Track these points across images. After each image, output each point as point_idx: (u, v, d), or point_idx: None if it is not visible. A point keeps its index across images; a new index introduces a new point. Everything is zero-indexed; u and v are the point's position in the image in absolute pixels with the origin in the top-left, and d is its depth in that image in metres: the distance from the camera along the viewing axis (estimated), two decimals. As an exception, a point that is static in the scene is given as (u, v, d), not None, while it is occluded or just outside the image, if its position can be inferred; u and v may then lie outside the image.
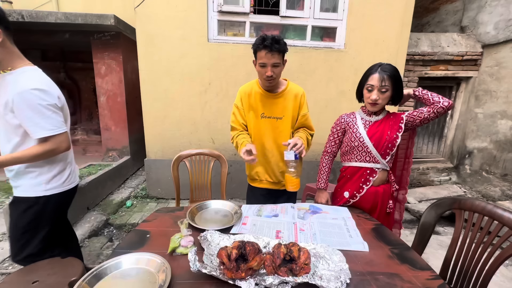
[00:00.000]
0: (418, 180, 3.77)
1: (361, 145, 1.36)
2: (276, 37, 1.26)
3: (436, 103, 1.24)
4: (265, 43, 1.25)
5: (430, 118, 1.27)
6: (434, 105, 1.25)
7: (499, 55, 3.28)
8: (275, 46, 1.25)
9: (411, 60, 3.39)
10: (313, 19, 2.88)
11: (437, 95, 1.26)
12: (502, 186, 3.25)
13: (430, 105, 1.26)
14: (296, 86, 1.50)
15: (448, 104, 1.22)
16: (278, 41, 1.26)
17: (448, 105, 1.22)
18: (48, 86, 1.15)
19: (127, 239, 1.03)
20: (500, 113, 3.28)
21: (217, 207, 1.31)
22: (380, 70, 1.26)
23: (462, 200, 1.15)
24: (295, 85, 1.50)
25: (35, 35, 3.54)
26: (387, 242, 1.06)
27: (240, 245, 0.83)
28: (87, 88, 5.29)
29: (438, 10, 4.21)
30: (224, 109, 3.01)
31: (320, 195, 1.56)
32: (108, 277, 0.79)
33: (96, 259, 2.10)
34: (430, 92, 1.28)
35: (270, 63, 1.29)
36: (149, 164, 3.10)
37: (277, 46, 1.25)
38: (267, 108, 1.47)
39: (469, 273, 1.07)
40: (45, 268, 1.12)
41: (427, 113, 1.27)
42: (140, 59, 2.83)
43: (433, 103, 1.25)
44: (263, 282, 0.76)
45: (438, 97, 1.25)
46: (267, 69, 1.30)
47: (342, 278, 0.78)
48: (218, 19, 2.86)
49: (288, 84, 1.48)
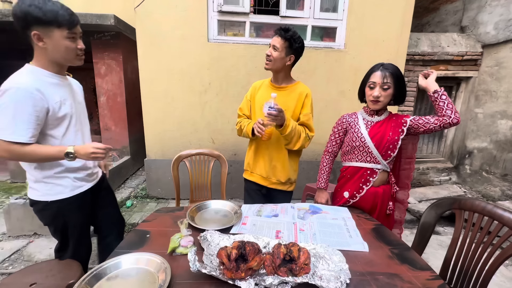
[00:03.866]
0: (418, 180, 3.77)
1: (362, 145, 1.36)
2: (289, 28, 1.39)
3: (446, 117, 1.20)
4: (278, 28, 1.41)
5: (435, 130, 1.26)
6: (443, 118, 1.21)
7: (499, 55, 3.28)
8: (281, 31, 1.39)
9: (411, 60, 3.39)
10: (313, 19, 2.88)
11: (452, 106, 1.20)
12: (502, 186, 3.25)
13: (440, 116, 1.23)
14: (304, 86, 1.53)
15: (456, 121, 1.20)
16: (286, 30, 1.38)
17: (456, 122, 1.20)
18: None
19: (127, 239, 1.03)
20: (500, 113, 3.28)
21: (217, 207, 1.31)
22: (382, 68, 1.28)
23: (462, 200, 1.15)
24: (304, 85, 1.54)
25: (35, 35, 3.54)
26: (387, 242, 1.06)
27: (240, 245, 0.83)
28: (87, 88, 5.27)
29: (438, 10, 4.21)
30: (224, 109, 3.00)
31: (320, 194, 1.56)
32: (108, 277, 0.79)
33: (96, 259, 2.10)
34: (449, 100, 1.21)
35: (272, 44, 1.42)
36: (149, 164, 3.10)
37: (282, 32, 1.38)
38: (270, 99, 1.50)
39: (469, 273, 1.07)
40: (43, 270, 1.12)
41: (434, 125, 1.24)
42: (140, 59, 2.82)
43: (444, 115, 1.21)
44: (263, 282, 0.76)
45: (450, 110, 1.20)
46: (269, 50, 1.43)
47: (342, 278, 0.78)
48: (218, 19, 2.86)
49: (297, 83, 1.54)
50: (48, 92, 1.05)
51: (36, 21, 0.97)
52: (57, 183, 1.17)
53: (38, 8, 0.95)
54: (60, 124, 1.12)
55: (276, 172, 1.55)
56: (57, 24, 0.99)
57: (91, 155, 1.07)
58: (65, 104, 1.12)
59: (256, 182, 1.60)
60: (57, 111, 1.08)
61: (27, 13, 0.95)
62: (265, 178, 1.57)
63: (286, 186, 1.59)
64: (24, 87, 0.98)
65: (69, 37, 1.03)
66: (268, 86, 1.56)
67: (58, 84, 1.12)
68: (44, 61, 1.07)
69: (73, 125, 1.17)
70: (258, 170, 1.58)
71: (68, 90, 1.17)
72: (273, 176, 1.55)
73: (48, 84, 1.07)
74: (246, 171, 1.67)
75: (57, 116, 1.09)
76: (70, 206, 1.21)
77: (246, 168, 1.66)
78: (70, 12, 1.04)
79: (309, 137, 1.51)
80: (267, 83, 1.58)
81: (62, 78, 1.15)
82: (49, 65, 1.08)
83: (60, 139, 1.13)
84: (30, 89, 0.99)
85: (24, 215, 2.25)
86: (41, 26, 0.98)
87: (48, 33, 1.00)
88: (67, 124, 1.14)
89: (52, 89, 1.08)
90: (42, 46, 1.02)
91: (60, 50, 1.05)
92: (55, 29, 1.00)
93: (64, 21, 1.00)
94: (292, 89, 1.51)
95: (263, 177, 1.57)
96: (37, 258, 2.05)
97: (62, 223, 1.24)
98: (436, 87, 1.24)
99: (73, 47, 1.07)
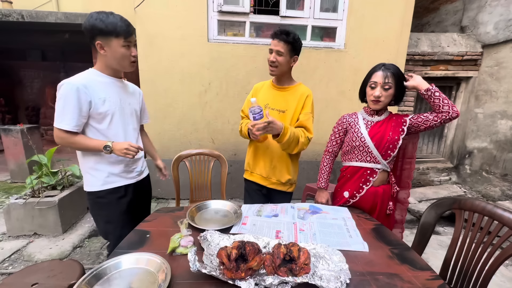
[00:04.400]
0: (418, 180, 3.77)
1: (362, 145, 1.36)
2: (288, 30, 1.38)
3: (445, 113, 1.20)
4: (276, 32, 1.40)
5: (436, 127, 1.26)
6: (443, 114, 1.21)
7: (499, 55, 3.28)
8: (282, 36, 1.37)
9: (411, 60, 3.39)
10: (313, 19, 2.88)
11: (448, 101, 1.20)
12: (502, 186, 3.25)
13: (438, 113, 1.23)
14: (305, 87, 1.54)
15: (456, 115, 1.20)
16: (287, 33, 1.38)
17: (456, 116, 1.20)
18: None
19: (127, 239, 1.03)
20: (500, 113, 3.28)
21: (217, 207, 1.31)
22: (384, 68, 1.28)
23: (462, 200, 1.14)
24: (305, 87, 1.55)
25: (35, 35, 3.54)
26: (387, 242, 1.06)
27: (240, 245, 0.83)
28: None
29: (438, 10, 4.21)
30: (224, 109, 3.01)
31: (320, 194, 1.56)
32: (108, 277, 0.79)
33: (96, 259, 2.11)
34: (443, 96, 1.21)
35: (274, 50, 1.41)
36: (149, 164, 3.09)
37: (284, 36, 1.37)
38: (272, 99, 1.52)
39: (469, 273, 1.06)
40: (45, 270, 1.12)
41: (433, 122, 1.24)
42: (140, 59, 2.82)
43: (442, 112, 1.21)
44: (263, 282, 0.76)
45: (448, 106, 1.20)
46: (271, 55, 1.43)
47: (342, 278, 0.78)
48: (218, 19, 2.86)
49: (299, 84, 1.55)
50: (94, 88, 1.18)
51: (99, 32, 1.13)
52: (92, 174, 1.27)
53: (102, 21, 1.12)
54: (103, 118, 1.23)
55: (276, 172, 1.55)
56: (115, 34, 1.14)
57: (123, 151, 1.18)
58: (110, 102, 1.23)
59: (256, 182, 1.60)
60: (100, 106, 1.19)
61: (93, 26, 1.12)
62: (265, 178, 1.57)
63: (286, 186, 1.59)
64: (72, 83, 1.13)
65: (124, 45, 1.18)
66: (270, 87, 1.56)
67: (107, 83, 1.24)
68: (102, 66, 1.24)
69: (115, 122, 1.27)
70: (258, 170, 1.58)
71: (117, 90, 1.28)
72: (273, 176, 1.55)
73: (97, 82, 1.21)
74: (247, 171, 1.67)
75: (99, 111, 1.20)
76: (101, 200, 1.30)
77: (246, 168, 1.66)
78: (128, 23, 1.19)
79: (308, 139, 1.47)
80: (269, 84, 1.58)
81: (115, 80, 1.28)
82: (105, 69, 1.25)
83: (103, 132, 1.24)
84: (77, 85, 1.13)
85: (24, 215, 2.25)
86: (103, 36, 1.14)
87: (108, 42, 1.15)
88: (109, 119, 1.24)
89: (99, 86, 1.21)
90: (103, 54, 1.18)
91: (117, 57, 1.20)
92: (114, 38, 1.15)
93: (122, 31, 1.15)
94: (294, 90, 1.52)
95: (263, 177, 1.57)
96: (37, 258, 2.05)
97: (94, 215, 1.35)
98: (427, 85, 1.24)
99: (128, 54, 1.21)
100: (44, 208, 2.26)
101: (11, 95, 5.44)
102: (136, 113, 1.41)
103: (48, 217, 2.28)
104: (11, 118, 5.42)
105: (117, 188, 1.31)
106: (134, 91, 1.42)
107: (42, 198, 2.29)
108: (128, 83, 1.41)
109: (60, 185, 2.52)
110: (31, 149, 3.12)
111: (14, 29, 3.45)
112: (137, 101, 1.43)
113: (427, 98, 1.25)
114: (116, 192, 1.31)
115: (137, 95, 1.45)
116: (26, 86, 5.41)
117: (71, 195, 2.49)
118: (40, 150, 3.24)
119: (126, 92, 1.35)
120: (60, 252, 2.13)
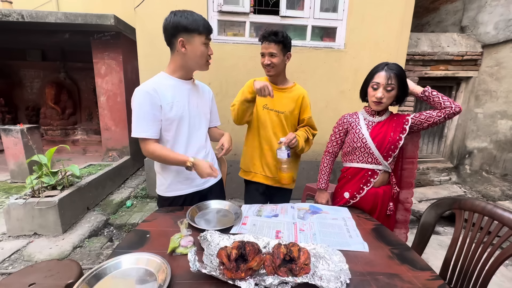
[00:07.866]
0: (418, 180, 3.77)
1: (363, 146, 1.35)
2: (276, 30, 1.39)
3: (448, 108, 1.20)
4: (264, 34, 1.41)
5: (440, 122, 1.26)
6: (446, 110, 1.21)
7: (499, 55, 3.28)
8: (271, 37, 1.38)
9: (411, 60, 3.39)
10: (313, 19, 2.88)
11: (448, 98, 1.22)
12: (502, 186, 3.25)
13: (441, 109, 1.23)
14: (300, 87, 1.59)
15: (459, 109, 1.20)
16: (275, 33, 1.38)
17: (459, 110, 1.20)
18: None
19: (127, 239, 1.03)
20: (500, 113, 3.28)
21: (217, 207, 1.30)
22: (387, 68, 1.25)
23: (462, 200, 1.14)
24: (300, 87, 1.59)
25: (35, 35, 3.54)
26: (387, 242, 1.06)
27: (240, 245, 0.83)
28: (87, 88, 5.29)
29: (438, 10, 4.21)
30: (224, 109, 2.98)
31: (320, 195, 1.56)
32: (108, 277, 0.79)
33: (96, 259, 2.11)
34: (441, 94, 1.23)
35: (267, 53, 1.42)
36: (149, 164, 3.10)
37: (273, 37, 1.38)
38: (270, 100, 1.53)
39: (469, 273, 1.06)
40: (42, 270, 1.11)
41: (437, 117, 1.23)
42: (140, 59, 2.82)
43: (444, 107, 1.21)
44: (262, 282, 0.76)
45: (449, 101, 1.21)
46: (265, 58, 1.44)
47: (342, 278, 0.78)
48: (218, 19, 2.86)
49: (295, 85, 1.58)
50: (163, 92, 1.16)
51: (184, 29, 1.13)
52: (160, 178, 1.31)
53: (186, 18, 1.13)
54: (171, 125, 1.20)
55: (275, 170, 1.55)
56: (198, 31, 1.14)
57: (205, 175, 1.18)
58: (178, 106, 1.20)
59: (256, 181, 1.60)
60: (168, 111, 1.17)
61: (178, 23, 1.12)
62: (270, 178, 1.58)
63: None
64: (142, 89, 1.14)
65: (205, 43, 1.18)
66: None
67: (174, 86, 1.21)
68: (175, 67, 1.22)
69: (184, 128, 1.24)
70: (257, 169, 1.58)
71: (185, 92, 1.24)
72: (272, 174, 1.57)
73: (165, 86, 1.19)
74: (249, 172, 1.64)
75: (167, 116, 1.18)
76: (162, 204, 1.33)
77: (249, 169, 1.63)
78: (208, 22, 1.19)
79: (313, 136, 1.61)
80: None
81: (183, 81, 1.25)
82: (177, 71, 1.23)
83: (171, 141, 1.23)
84: (147, 89, 1.13)
85: (24, 215, 2.25)
86: (187, 33, 1.13)
87: (190, 39, 1.15)
88: (176, 126, 1.21)
89: (166, 89, 1.18)
90: (183, 52, 1.16)
91: (197, 55, 1.18)
92: (197, 35, 1.15)
93: (204, 29, 1.15)
94: (291, 91, 1.55)
95: (268, 177, 1.58)
96: (37, 258, 2.04)
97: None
98: (421, 88, 1.28)
99: (206, 53, 1.20)
100: (44, 208, 2.26)
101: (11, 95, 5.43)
102: (205, 116, 1.36)
103: (48, 217, 2.28)
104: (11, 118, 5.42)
105: (179, 196, 1.32)
106: (203, 92, 1.37)
107: (42, 198, 2.29)
108: (199, 83, 1.37)
109: (60, 185, 2.52)
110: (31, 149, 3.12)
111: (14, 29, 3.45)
112: (207, 103, 1.38)
113: (426, 99, 1.26)
114: (177, 200, 1.32)
115: (207, 95, 1.39)
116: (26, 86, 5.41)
117: (71, 195, 2.49)
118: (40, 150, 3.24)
119: (194, 93, 1.30)
120: (60, 252, 2.13)
